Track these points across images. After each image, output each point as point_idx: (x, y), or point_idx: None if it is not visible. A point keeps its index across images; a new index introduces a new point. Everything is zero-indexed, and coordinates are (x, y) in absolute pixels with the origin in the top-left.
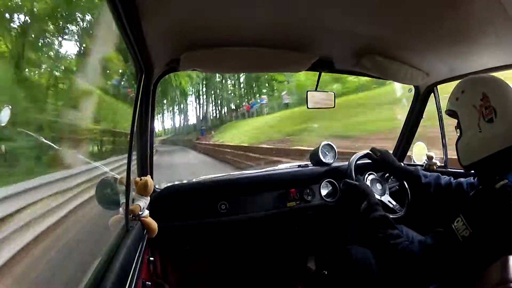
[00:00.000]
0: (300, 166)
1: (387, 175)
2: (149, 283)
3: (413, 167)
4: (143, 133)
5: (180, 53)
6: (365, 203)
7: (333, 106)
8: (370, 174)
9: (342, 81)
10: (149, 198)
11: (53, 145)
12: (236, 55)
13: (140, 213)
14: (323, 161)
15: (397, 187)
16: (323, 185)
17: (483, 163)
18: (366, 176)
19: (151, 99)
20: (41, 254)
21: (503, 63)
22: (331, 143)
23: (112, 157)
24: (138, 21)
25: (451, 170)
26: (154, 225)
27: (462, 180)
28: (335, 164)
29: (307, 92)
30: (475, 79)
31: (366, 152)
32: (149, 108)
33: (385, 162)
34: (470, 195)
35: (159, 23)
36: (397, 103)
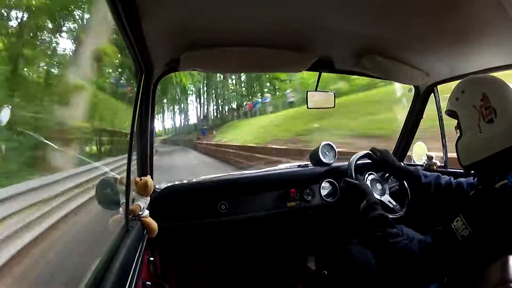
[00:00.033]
0: (300, 166)
1: (387, 175)
2: (149, 283)
3: (413, 167)
4: (143, 133)
5: (180, 53)
6: (364, 202)
7: (333, 106)
8: (370, 174)
9: (347, 79)
10: (149, 198)
11: (52, 144)
12: (236, 55)
13: (140, 213)
14: (323, 161)
15: (397, 187)
16: (323, 185)
17: (483, 164)
18: (366, 176)
19: (151, 99)
20: (41, 254)
21: (503, 63)
22: (331, 143)
23: (110, 157)
24: (138, 21)
25: (451, 170)
26: (154, 225)
27: (462, 180)
28: (335, 164)
29: (307, 92)
30: (475, 79)
31: (366, 152)
32: (149, 108)
33: (385, 162)
34: (469, 195)
35: (159, 23)
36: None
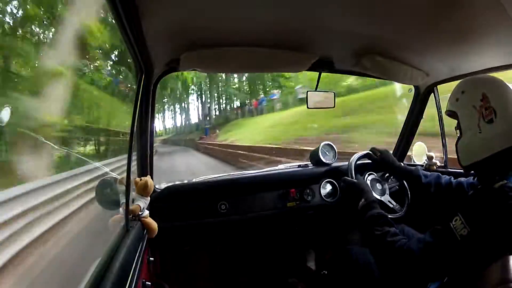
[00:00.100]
0: (300, 166)
1: (387, 175)
2: (149, 283)
3: (413, 167)
4: (143, 133)
5: (180, 53)
6: (362, 201)
7: (333, 106)
8: (370, 174)
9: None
10: (149, 198)
11: (52, 144)
12: (236, 55)
13: (140, 213)
14: (323, 161)
15: (397, 187)
16: (323, 185)
17: (483, 164)
18: (366, 176)
19: (151, 99)
20: (41, 254)
21: (503, 63)
22: (331, 143)
23: (109, 158)
24: (138, 21)
25: (451, 170)
26: (154, 225)
27: (462, 179)
28: (335, 164)
29: (307, 92)
30: (475, 79)
31: (366, 152)
32: (149, 108)
33: (385, 162)
34: (469, 195)
35: (159, 23)
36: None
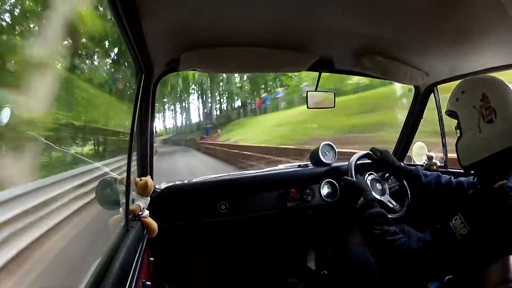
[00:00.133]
0: (300, 166)
1: (387, 175)
2: (149, 283)
3: (413, 167)
4: (143, 133)
5: (180, 53)
6: (361, 199)
7: (333, 106)
8: (370, 174)
9: None
10: (149, 198)
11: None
12: (236, 55)
13: (140, 213)
14: (323, 161)
15: (397, 187)
16: (323, 185)
17: (483, 164)
18: (366, 176)
19: (151, 99)
20: (41, 254)
21: (503, 63)
22: (331, 143)
23: (107, 158)
24: (138, 21)
25: (451, 170)
26: (154, 225)
27: (462, 179)
28: (335, 164)
29: (307, 92)
30: (475, 79)
31: (366, 152)
32: (149, 108)
33: (385, 162)
34: (468, 194)
35: (159, 23)
36: None
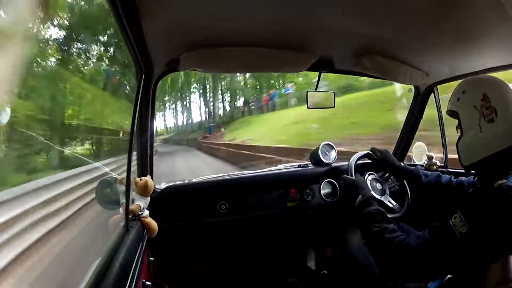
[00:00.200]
0: (300, 166)
1: (387, 175)
2: (149, 283)
3: (413, 167)
4: (143, 133)
5: (180, 53)
6: (360, 197)
7: (333, 106)
8: (370, 174)
9: None
10: (149, 198)
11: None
12: (236, 55)
13: (140, 213)
14: (323, 161)
15: (397, 187)
16: (323, 185)
17: (483, 163)
18: (366, 176)
19: (151, 99)
20: (41, 255)
21: (503, 63)
22: (331, 143)
23: (104, 159)
24: (138, 21)
25: (451, 170)
26: (154, 225)
27: (463, 179)
28: (335, 164)
29: (307, 92)
30: (475, 79)
31: (366, 152)
32: (149, 108)
33: (385, 162)
34: (468, 193)
35: (159, 23)
36: None
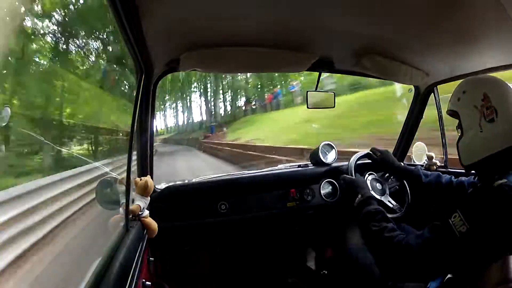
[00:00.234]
0: (300, 166)
1: (387, 175)
2: (149, 283)
3: (413, 167)
4: (143, 133)
5: (180, 53)
6: (359, 197)
7: (333, 106)
8: (370, 174)
9: None
10: (149, 198)
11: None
12: (236, 55)
13: (140, 213)
14: (323, 161)
15: (397, 187)
16: (323, 185)
17: (483, 163)
18: (366, 176)
19: (151, 99)
20: (41, 255)
21: (503, 63)
22: (331, 143)
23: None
24: (138, 21)
25: (451, 170)
26: (154, 225)
27: (463, 178)
28: (335, 164)
29: (307, 92)
30: (476, 79)
31: (366, 152)
32: (149, 108)
33: (385, 162)
34: (468, 192)
35: (159, 23)
36: None
